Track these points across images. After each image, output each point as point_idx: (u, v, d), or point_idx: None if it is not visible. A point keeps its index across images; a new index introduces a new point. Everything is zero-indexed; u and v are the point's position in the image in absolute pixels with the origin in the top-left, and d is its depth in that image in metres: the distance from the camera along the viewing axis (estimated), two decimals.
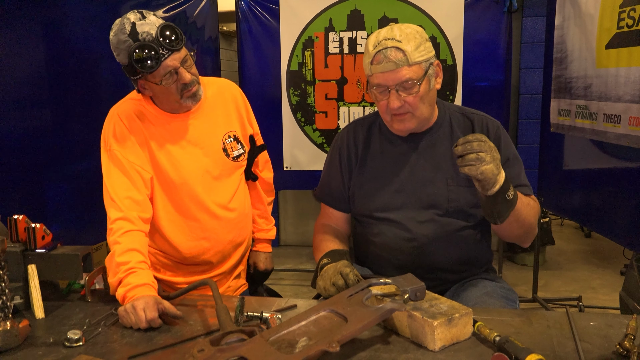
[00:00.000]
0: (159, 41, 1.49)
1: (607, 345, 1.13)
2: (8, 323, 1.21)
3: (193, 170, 1.68)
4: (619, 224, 2.42)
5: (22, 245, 1.44)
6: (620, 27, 2.22)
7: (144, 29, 1.49)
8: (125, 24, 1.50)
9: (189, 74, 1.58)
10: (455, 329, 1.15)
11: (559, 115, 2.87)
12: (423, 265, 1.57)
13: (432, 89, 1.53)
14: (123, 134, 1.62)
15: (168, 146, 1.66)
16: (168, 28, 1.51)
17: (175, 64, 1.54)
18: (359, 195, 1.66)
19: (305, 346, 1.05)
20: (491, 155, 1.31)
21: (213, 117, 1.74)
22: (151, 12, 1.54)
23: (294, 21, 3.25)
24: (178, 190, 1.67)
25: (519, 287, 3.75)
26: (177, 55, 1.53)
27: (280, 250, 4.77)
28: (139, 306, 1.30)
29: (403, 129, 1.55)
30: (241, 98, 1.84)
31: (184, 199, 1.68)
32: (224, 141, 1.75)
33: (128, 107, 1.66)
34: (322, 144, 3.33)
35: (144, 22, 1.50)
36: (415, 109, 1.50)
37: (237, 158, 1.77)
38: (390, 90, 1.47)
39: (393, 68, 1.45)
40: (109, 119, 1.66)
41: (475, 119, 1.61)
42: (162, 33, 1.49)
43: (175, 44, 1.51)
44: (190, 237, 1.70)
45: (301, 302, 1.41)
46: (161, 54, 1.49)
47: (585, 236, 4.88)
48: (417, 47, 1.46)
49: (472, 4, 3.11)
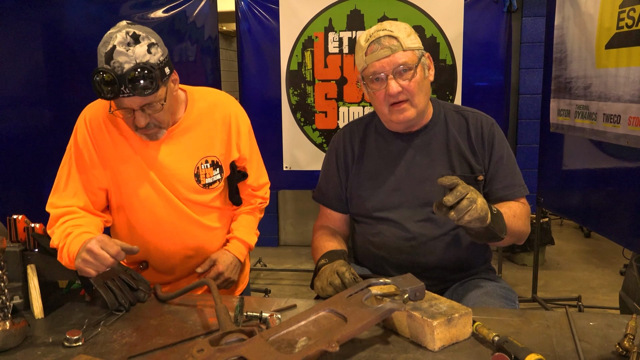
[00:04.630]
0: (124, 79, 1.36)
1: (606, 345, 1.13)
2: (7, 323, 1.21)
3: (151, 194, 1.60)
4: (618, 223, 2.42)
5: (21, 245, 1.43)
6: (620, 27, 2.22)
7: (118, 59, 1.36)
8: (111, 40, 1.38)
9: (143, 120, 1.45)
10: (454, 329, 1.15)
11: (559, 115, 2.87)
12: (422, 264, 1.58)
13: (427, 79, 1.55)
14: (85, 141, 1.57)
15: (131, 161, 1.58)
16: (142, 72, 1.37)
17: (133, 106, 1.42)
18: (356, 196, 1.66)
19: (305, 346, 1.05)
20: (473, 191, 1.25)
21: (190, 140, 1.61)
22: (145, 43, 1.39)
23: (294, 21, 3.25)
24: (134, 206, 1.62)
25: (518, 287, 3.75)
26: (138, 100, 1.41)
27: (280, 250, 4.77)
28: (94, 247, 1.25)
29: (402, 119, 1.53)
30: (235, 120, 1.68)
31: (139, 213, 1.63)
32: (199, 166, 1.63)
33: (98, 112, 1.58)
34: (321, 143, 3.33)
35: (126, 51, 1.36)
36: (413, 96, 1.50)
37: (209, 185, 1.65)
38: (388, 77, 1.49)
39: (388, 54, 1.47)
40: (80, 117, 1.60)
41: (470, 117, 1.61)
42: (133, 75, 1.36)
43: (141, 91, 1.38)
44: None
45: (301, 302, 1.41)
46: (120, 92, 1.37)
47: (585, 236, 4.88)
48: (408, 35, 1.51)
49: (471, 4, 3.11)
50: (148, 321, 1.34)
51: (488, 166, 1.57)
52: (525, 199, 1.60)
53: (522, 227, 1.51)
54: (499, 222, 1.35)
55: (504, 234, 1.38)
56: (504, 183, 1.56)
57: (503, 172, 1.56)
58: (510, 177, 1.57)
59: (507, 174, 1.56)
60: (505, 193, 1.56)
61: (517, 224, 1.49)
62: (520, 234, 1.53)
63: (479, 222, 1.27)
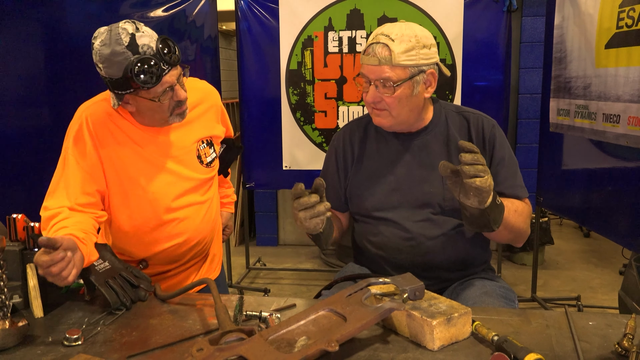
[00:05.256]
0: (160, 55, 1.41)
1: (605, 345, 1.13)
2: (7, 322, 1.21)
3: (164, 186, 1.63)
4: (617, 223, 2.42)
5: (21, 244, 1.43)
6: (620, 27, 2.23)
7: (144, 42, 1.40)
8: (121, 35, 1.39)
9: (183, 92, 1.51)
10: (454, 329, 1.15)
11: (558, 115, 2.87)
12: (421, 264, 1.58)
13: (416, 96, 1.52)
14: (83, 140, 1.54)
15: (141, 160, 1.60)
16: (166, 41, 1.44)
17: (173, 80, 1.47)
18: (356, 195, 1.66)
19: (304, 345, 1.05)
20: (488, 168, 1.29)
21: (191, 126, 1.67)
22: (142, 23, 1.44)
23: (294, 20, 3.26)
24: (141, 203, 1.62)
25: (517, 286, 3.75)
26: (174, 72, 1.46)
27: (279, 250, 4.77)
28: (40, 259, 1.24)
29: (378, 124, 1.57)
30: (217, 101, 1.80)
31: (145, 208, 1.63)
32: (198, 148, 1.70)
33: (100, 110, 1.57)
34: (321, 143, 3.33)
35: (142, 34, 1.41)
36: (392, 109, 1.51)
37: (210, 164, 1.73)
38: (371, 84, 1.49)
39: (375, 63, 1.47)
40: (76, 118, 1.58)
41: (471, 118, 1.61)
42: (162, 47, 1.41)
43: (174, 59, 1.44)
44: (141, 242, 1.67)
45: (300, 302, 1.41)
46: (162, 69, 1.42)
47: (584, 236, 4.88)
48: (406, 51, 1.45)
49: (471, 3, 3.12)
50: (147, 320, 1.34)
51: (489, 168, 1.57)
52: (527, 199, 1.60)
53: (521, 224, 1.51)
54: (496, 212, 1.35)
55: (496, 226, 1.38)
56: (505, 184, 1.56)
57: (504, 173, 1.56)
58: (511, 178, 1.57)
59: (508, 175, 1.56)
60: (506, 194, 1.56)
61: (517, 220, 1.49)
62: (519, 231, 1.53)
63: (480, 196, 1.27)
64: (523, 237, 1.57)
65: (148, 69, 1.40)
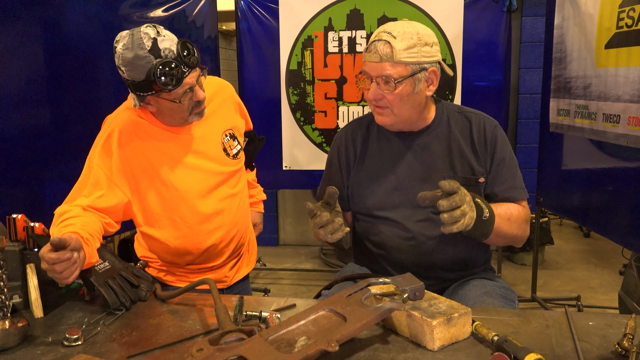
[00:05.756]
0: (181, 58, 1.46)
1: (605, 345, 1.13)
2: (7, 322, 1.21)
3: (195, 183, 1.67)
4: (617, 223, 2.42)
5: (20, 244, 1.43)
6: (620, 27, 2.23)
7: (165, 45, 1.44)
8: (143, 39, 1.43)
9: (202, 92, 1.56)
10: (454, 329, 1.15)
11: (558, 115, 2.87)
12: (421, 263, 1.58)
13: (418, 94, 1.52)
14: (110, 151, 1.58)
15: (170, 160, 1.64)
16: (186, 44, 1.48)
17: (193, 82, 1.51)
18: (357, 194, 1.66)
19: (304, 346, 1.05)
20: (467, 203, 1.30)
21: (212, 120, 1.71)
22: (162, 27, 1.49)
23: (294, 20, 3.25)
24: (176, 201, 1.66)
25: (517, 286, 3.75)
26: (194, 73, 1.51)
27: (279, 250, 4.77)
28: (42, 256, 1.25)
29: (381, 122, 1.57)
30: (235, 96, 1.85)
31: (181, 207, 1.67)
32: (223, 141, 1.74)
33: (126, 119, 1.62)
34: (321, 143, 3.33)
35: (163, 38, 1.45)
36: (393, 107, 1.51)
37: (236, 155, 1.78)
38: (373, 81, 1.50)
39: (377, 60, 1.47)
40: (104, 129, 1.63)
41: (473, 118, 1.61)
42: (182, 50, 1.46)
43: (194, 61, 1.49)
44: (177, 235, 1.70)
45: (300, 302, 1.41)
46: (183, 72, 1.47)
47: (584, 236, 4.88)
48: (408, 48, 1.45)
49: (471, 3, 3.12)
50: (147, 320, 1.34)
51: (489, 168, 1.57)
52: (526, 202, 1.60)
53: (514, 231, 1.52)
54: (482, 229, 1.39)
55: (484, 238, 1.44)
56: (505, 185, 1.56)
57: (504, 174, 1.56)
58: (512, 180, 1.57)
59: (508, 176, 1.56)
60: (505, 195, 1.56)
61: (509, 228, 1.50)
62: (514, 238, 1.54)
63: (462, 230, 1.32)
64: (520, 241, 1.58)
65: (169, 72, 1.44)
